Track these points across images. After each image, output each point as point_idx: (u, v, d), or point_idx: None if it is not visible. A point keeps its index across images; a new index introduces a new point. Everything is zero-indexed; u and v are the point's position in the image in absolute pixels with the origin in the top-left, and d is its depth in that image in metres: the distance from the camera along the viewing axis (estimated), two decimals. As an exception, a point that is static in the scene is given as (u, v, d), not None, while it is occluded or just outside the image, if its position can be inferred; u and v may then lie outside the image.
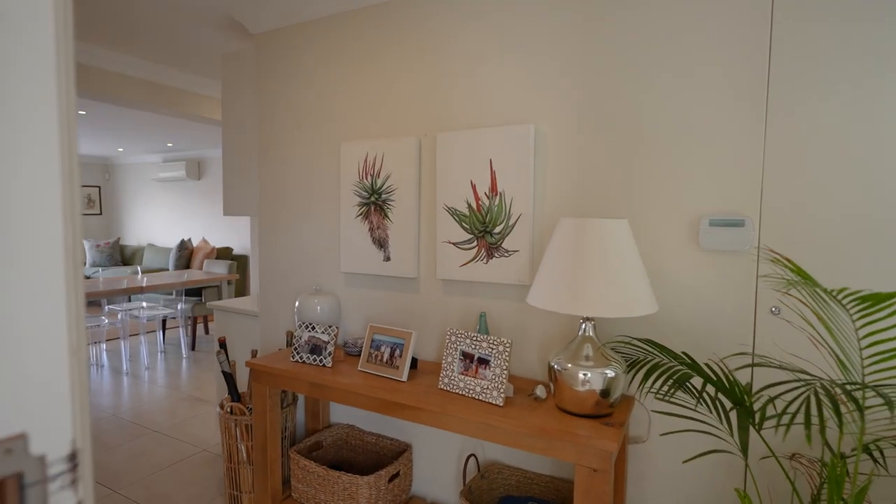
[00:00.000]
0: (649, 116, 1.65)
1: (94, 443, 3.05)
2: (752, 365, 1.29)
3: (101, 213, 9.02)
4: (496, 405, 1.58)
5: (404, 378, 1.80)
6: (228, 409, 2.24)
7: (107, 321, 4.52)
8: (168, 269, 7.33)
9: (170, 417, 3.44)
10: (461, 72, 1.98)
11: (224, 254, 7.16)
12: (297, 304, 2.20)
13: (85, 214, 8.77)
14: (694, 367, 1.38)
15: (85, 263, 8.01)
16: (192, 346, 5.16)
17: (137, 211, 8.76)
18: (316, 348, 2.01)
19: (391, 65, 2.14)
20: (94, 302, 4.57)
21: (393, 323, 2.21)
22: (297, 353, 2.04)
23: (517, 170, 1.83)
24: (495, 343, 1.64)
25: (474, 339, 1.69)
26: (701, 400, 1.56)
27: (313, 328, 2.04)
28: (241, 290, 7.49)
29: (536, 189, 1.84)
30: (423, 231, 2.11)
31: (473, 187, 1.92)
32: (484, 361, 1.65)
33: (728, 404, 1.57)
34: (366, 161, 2.18)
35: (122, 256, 8.23)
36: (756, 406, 1.50)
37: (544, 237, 1.84)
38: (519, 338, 1.92)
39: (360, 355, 2.11)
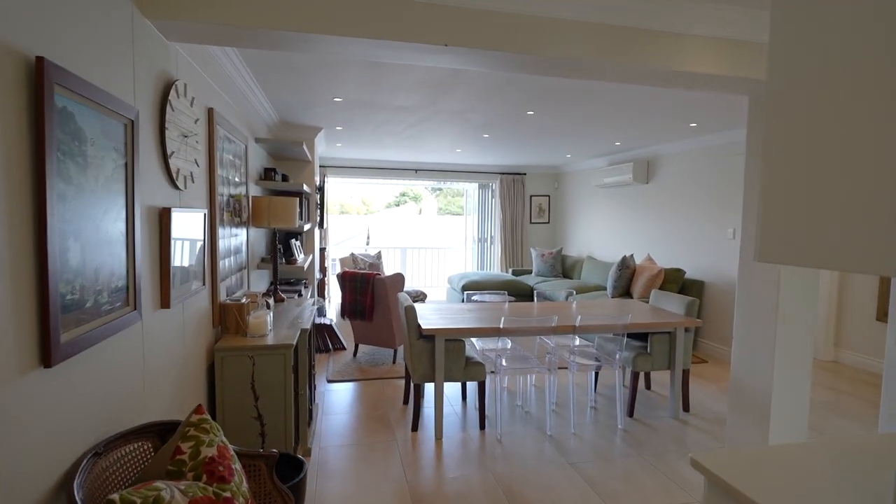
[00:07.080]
0: None
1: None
2: None
3: (548, 222, 9.12)
4: None
5: None
6: None
7: (537, 364, 3.68)
8: (605, 290, 6.33)
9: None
10: None
11: (672, 277, 5.52)
12: None
13: (535, 223, 9.05)
14: None
15: (531, 272, 8.13)
16: (630, 412, 3.76)
17: (580, 220, 8.30)
18: None
19: None
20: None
21: None
22: None
23: None
24: None
25: None
26: None
27: None
28: (701, 331, 5.63)
29: None
30: None
31: None
32: None
33: None
34: None
35: (563, 267, 7.90)
36: None
37: None
38: None
39: None
